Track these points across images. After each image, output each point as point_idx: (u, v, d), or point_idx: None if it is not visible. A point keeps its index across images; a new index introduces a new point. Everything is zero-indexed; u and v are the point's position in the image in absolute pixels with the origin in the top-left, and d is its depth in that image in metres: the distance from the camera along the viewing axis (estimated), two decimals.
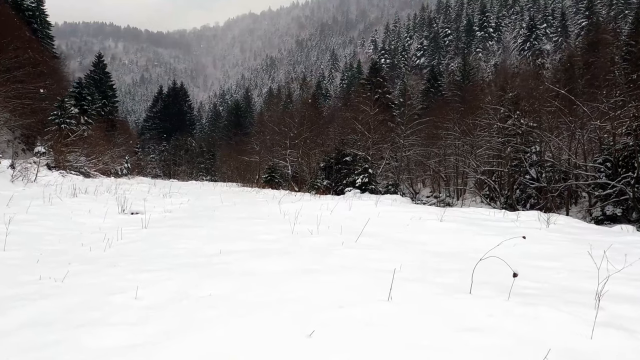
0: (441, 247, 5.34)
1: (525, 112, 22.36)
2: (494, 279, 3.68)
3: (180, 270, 3.99)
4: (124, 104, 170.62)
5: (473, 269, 3.49)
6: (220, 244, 5.29)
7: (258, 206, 10.08)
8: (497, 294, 3.23)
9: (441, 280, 3.67)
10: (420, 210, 9.15)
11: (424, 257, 4.72)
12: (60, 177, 21.83)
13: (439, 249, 5.22)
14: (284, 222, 7.22)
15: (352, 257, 4.63)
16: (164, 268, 4.06)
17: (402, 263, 4.27)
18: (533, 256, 4.95)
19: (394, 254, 4.80)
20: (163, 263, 4.32)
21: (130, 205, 9.32)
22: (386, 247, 5.23)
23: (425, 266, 4.25)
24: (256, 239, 5.65)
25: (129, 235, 6.07)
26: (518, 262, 4.41)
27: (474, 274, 3.53)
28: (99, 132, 36.64)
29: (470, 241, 5.66)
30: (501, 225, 7.24)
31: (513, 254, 5.03)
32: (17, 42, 30.61)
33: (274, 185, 27.97)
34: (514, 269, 3.33)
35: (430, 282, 3.61)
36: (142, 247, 5.25)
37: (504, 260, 3.56)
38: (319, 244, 5.36)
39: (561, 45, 73.45)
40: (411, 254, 4.87)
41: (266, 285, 3.48)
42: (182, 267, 4.15)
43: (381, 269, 4.03)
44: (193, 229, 6.50)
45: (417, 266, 4.23)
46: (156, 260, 4.44)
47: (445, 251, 5.12)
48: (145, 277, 3.70)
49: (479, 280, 3.53)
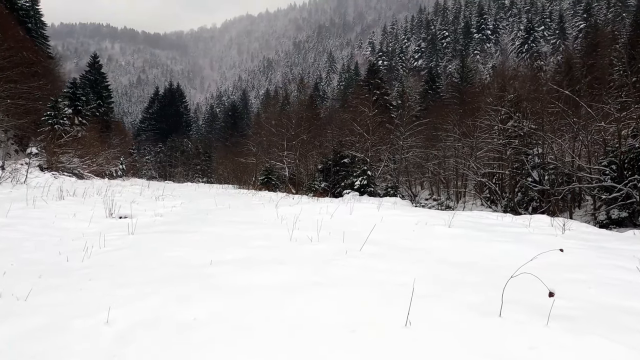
0: (453, 256, 4.87)
1: (526, 113, 21.99)
2: (522, 296, 3.21)
3: (164, 284, 3.51)
4: (120, 105, 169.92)
5: (503, 287, 3.01)
6: (211, 252, 4.80)
7: (254, 209, 9.59)
8: (532, 317, 2.76)
9: (462, 297, 3.20)
10: (424, 214, 8.69)
11: (437, 268, 4.25)
12: (52, 178, 21.28)
13: (451, 258, 4.75)
14: (282, 227, 6.75)
15: (357, 268, 4.16)
16: (146, 282, 3.58)
17: (414, 275, 3.81)
18: (555, 267, 4.49)
19: (404, 265, 4.33)
20: (146, 275, 3.83)
21: (119, 209, 8.81)
22: (393, 256, 4.76)
23: (441, 279, 3.78)
24: (251, 246, 5.16)
25: (113, 242, 5.58)
26: (542, 275, 3.95)
27: (497, 290, 3.07)
28: (93, 133, 36.09)
29: (484, 249, 5.19)
30: (513, 231, 6.78)
31: (532, 265, 4.56)
32: (11, 42, 30.07)
33: (271, 187, 27.46)
34: (549, 287, 2.86)
35: (450, 299, 3.14)
36: (125, 256, 4.75)
37: (537, 277, 3.09)
38: (320, 253, 4.89)
39: (559, 47, 73.36)
40: (422, 264, 4.40)
41: (262, 304, 3.01)
42: (167, 280, 3.66)
43: (392, 282, 3.56)
44: (183, 235, 6.01)
45: (432, 279, 3.76)
46: (138, 272, 3.95)
47: (459, 261, 4.65)
48: (123, 293, 3.22)
49: (506, 297, 3.07)
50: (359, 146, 28.38)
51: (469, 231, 6.51)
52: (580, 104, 17.94)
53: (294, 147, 30.75)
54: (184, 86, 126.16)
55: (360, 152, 27.38)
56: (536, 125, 21.35)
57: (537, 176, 20.49)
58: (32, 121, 32.30)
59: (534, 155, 20.92)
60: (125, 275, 3.85)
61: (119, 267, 4.21)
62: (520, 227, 7.37)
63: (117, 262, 4.44)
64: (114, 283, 3.56)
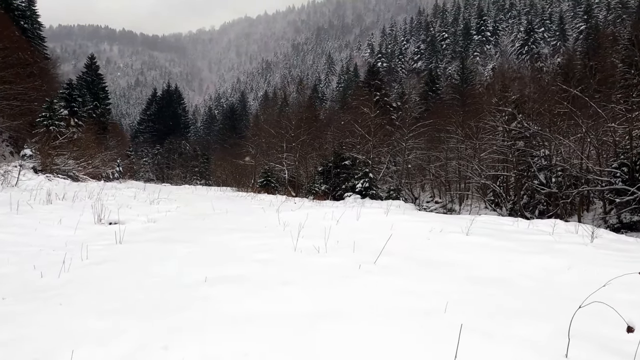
0: (481, 271, 4.30)
1: (532, 113, 21.45)
2: (586, 328, 2.63)
3: (145, 313, 2.93)
4: (118, 107, 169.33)
5: (570, 320, 2.43)
6: (206, 267, 4.22)
7: (254, 215, 9.00)
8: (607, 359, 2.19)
9: (514, 331, 2.62)
10: (435, 219, 8.11)
11: (470, 288, 3.67)
12: (46, 181, 20.64)
13: (479, 274, 4.18)
14: (285, 235, 6.17)
15: (376, 288, 3.58)
16: (124, 309, 2.99)
17: (446, 298, 3.24)
18: (600, 285, 3.91)
19: (429, 283, 3.75)
20: (126, 299, 3.25)
21: (110, 214, 8.23)
22: (414, 272, 4.19)
23: (480, 304, 3.20)
24: (251, 260, 4.58)
25: (97, 253, 4.99)
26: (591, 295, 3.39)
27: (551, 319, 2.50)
28: (89, 135, 35.46)
29: (516, 263, 4.61)
30: (537, 239, 6.22)
31: (574, 282, 4.00)
32: (6, 42, 29.53)
33: (270, 190, 26.89)
34: (626, 318, 2.29)
35: (502, 335, 2.56)
36: (108, 271, 4.17)
37: (610, 306, 2.51)
38: (330, 267, 4.31)
39: (559, 49, 72.97)
40: (450, 282, 3.83)
41: (264, 347, 2.41)
42: (152, 307, 3.08)
43: (423, 310, 2.99)
44: (176, 245, 5.43)
45: (471, 305, 3.17)
46: (118, 294, 3.37)
47: (488, 276, 4.08)
48: (96, 326, 2.64)
49: (564, 327, 2.50)
50: (359, 148, 27.82)
51: (490, 240, 5.94)
52: (589, 103, 17.41)
53: (293, 149, 30.18)
54: (183, 88, 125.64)
55: (362, 154, 26.82)
56: (540, 126, 20.82)
57: (544, 179, 19.93)
58: (28, 123, 31.74)
59: (540, 157, 20.37)
60: (104, 299, 3.27)
61: (96, 286, 3.62)
62: (542, 234, 6.80)
63: (97, 280, 3.86)
64: (88, 310, 2.97)
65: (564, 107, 19.17)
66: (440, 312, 2.99)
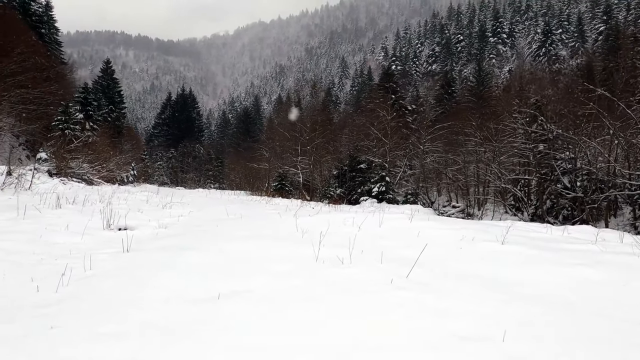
0: (529, 288, 3.79)
1: (555, 115, 20.73)
2: None
3: (145, 338, 2.50)
4: (134, 111, 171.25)
5: None
6: (219, 280, 3.80)
7: (269, 220, 8.57)
8: None
9: None
10: (464, 226, 7.58)
11: (519, 307, 3.17)
12: (60, 184, 20.55)
13: (528, 291, 3.67)
14: (304, 242, 5.72)
15: (414, 308, 3.11)
16: (123, 333, 2.57)
17: (499, 321, 2.75)
18: None
19: (475, 303, 3.26)
20: (126, 319, 2.83)
21: (119, 219, 7.86)
22: (453, 288, 3.70)
23: (540, 329, 2.70)
24: (269, 272, 4.14)
25: (100, 264, 4.59)
26: None
27: None
28: (104, 138, 35.58)
29: (560, 276, 4.09)
30: (580, 249, 5.66)
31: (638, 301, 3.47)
32: (23, 47, 29.77)
33: (284, 193, 26.50)
34: None
35: None
36: (110, 285, 3.76)
37: None
38: (357, 281, 3.84)
39: (578, 50, 71.59)
40: (497, 301, 3.33)
41: None
42: (152, 330, 2.65)
43: (474, 336, 2.51)
44: (186, 254, 5.01)
45: (528, 330, 2.68)
46: (118, 314, 2.95)
47: (539, 294, 3.57)
48: (84, 355, 2.21)
49: None
50: (375, 151, 27.30)
51: (528, 250, 5.41)
52: (617, 104, 16.68)
53: (307, 152, 29.78)
54: (197, 92, 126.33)
55: (377, 157, 26.29)
56: (563, 128, 20.08)
57: (568, 182, 19.20)
58: (44, 126, 31.93)
59: (565, 160, 19.64)
60: (101, 320, 2.85)
61: (97, 303, 3.21)
62: (583, 242, 6.24)
63: (97, 295, 3.45)
64: (82, 334, 2.56)
65: (588, 108, 18.44)
66: (497, 340, 2.51)
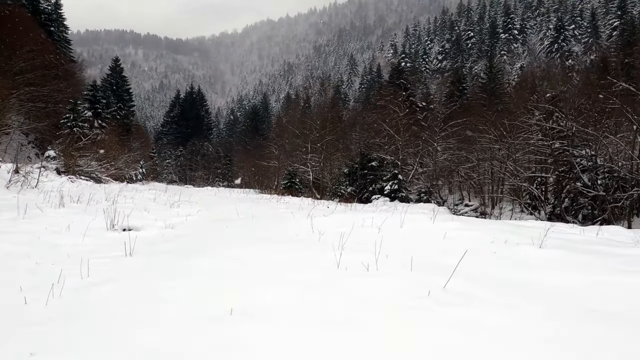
0: (592, 301, 3.28)
1: (574, 109, 20.03)
2: None
3: None
4: (143, 110, 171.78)
5: None
6: (227, 292, 3.34)
7: (282, 220, 8.10)
8: None
9: None
10: (492, 227, 7.06)
11: (591, 326, 2.68)
12: (67, 182, 20.30)
13: (590, 305, 3.16)
14: (321, 245, 5.25)
15: (465, 329, 2.62)
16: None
17: (572, 347, 2.26)
18: None
19: (533, 319, 2.76)
20: (119, 345, 2.38)
21: (124, 219, 7.44)
22: (501, 301, 3.20)
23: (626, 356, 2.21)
24: (285, 282, 3.67)
25: (100, 269, 4.16)
26: None
27: None
28: (113, 136, 35.39)
29: (620, 287, 3.57)
30: (624, 253, 5.13)
31: None
32: (32, 45, 29.65)
33: (294, 192, 26.05)
34: None
35: None
36: (106, 296, 3.32)
37: None
38: (389, 293, 3.36)
39: (592, 46, 70.28)
40: (562, 318, 2.83)
41: None
42: None
43: None
44: (193, 259, 4.56)
45: (611, 355, 2.19)
46: (110, 335, 2.50)
47: (607, 311, 3.07)
48: None
49: None
50: (387, 148, 26.74)
51: (570, 254, 4.90)
52: None
53: (317, 150, 29.29)
54: (206, 90, 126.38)
55: (389, 154, 25.73)
56: (580, 124, 19.37)
57: (589, 180, 18.51)
58: (53, 124, 31.80)
59: (584, 157, 18.93)
60: (90, 345, 2.40)
61: (88, 321, 2.76)
62: (627, 246, 5.70)
63: (90, 310, 3.01)
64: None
65: (610, 103, 17.75)
66: None
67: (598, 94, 18.81)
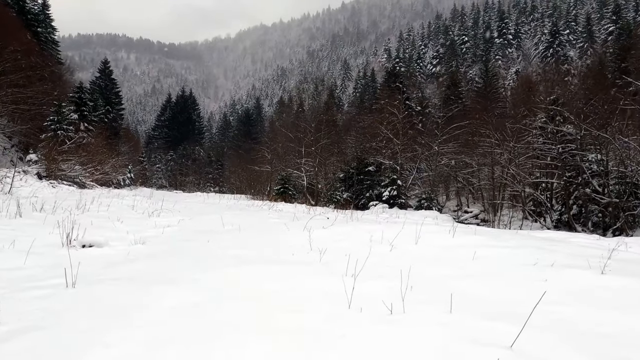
0: None
1: (581, 112, 19.11)
2: None
3: None
4: (134, 114, 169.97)
5: None
6: (199, 343, 2.20)
7: (274, 234, 6.94)
8: None
9: None
10: (521, 243, 5.96)
11: None
12: (48, 187, 19.03)
13: None
14: (322, 268, 4.12)
15: None
16: None
17: None
18: None
19: None
20: None
21: (88, 232, 6.25)
22: None
23: None
24: (275, 330, 2.53)
25: (26, 308, 3.00)
26: None
27: None
28: (100, 140, 34.08)
29: None
30: None
31: None
32: (16, 45, 28.38)
33: (288, 198, 24.87)
34: None
35: None
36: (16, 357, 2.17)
37: None
38: None
39: (587, 51, 70.00)
40: None
41: None
42: None
43: None
44: (156, 290, 3.41)
45: None
46: None
47: None
48: None
49: None
50: (384, 152, 25.68)
51: (633, 280, 3.82)
52: None
53: (312, 154, 28.17)
54: (198, 95, 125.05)
55: (387, 159, 24.67)
56: (586, 127, 18.46)
57: (599, 186, 17.56)
58: (37, 127, 30.50)
59: (593, 162, 17.98)
60: None
61: None
62: None
63: None
64: None
65: (616, 105, 16.87)
66: None
67: (606, 94, 17.91)
